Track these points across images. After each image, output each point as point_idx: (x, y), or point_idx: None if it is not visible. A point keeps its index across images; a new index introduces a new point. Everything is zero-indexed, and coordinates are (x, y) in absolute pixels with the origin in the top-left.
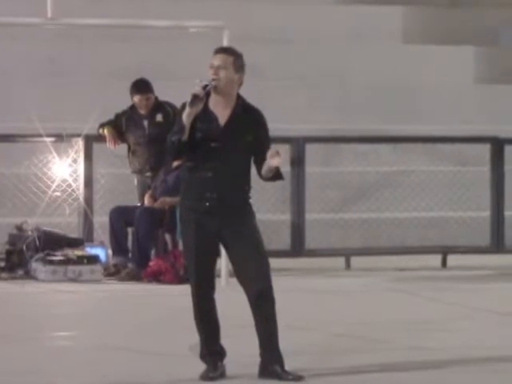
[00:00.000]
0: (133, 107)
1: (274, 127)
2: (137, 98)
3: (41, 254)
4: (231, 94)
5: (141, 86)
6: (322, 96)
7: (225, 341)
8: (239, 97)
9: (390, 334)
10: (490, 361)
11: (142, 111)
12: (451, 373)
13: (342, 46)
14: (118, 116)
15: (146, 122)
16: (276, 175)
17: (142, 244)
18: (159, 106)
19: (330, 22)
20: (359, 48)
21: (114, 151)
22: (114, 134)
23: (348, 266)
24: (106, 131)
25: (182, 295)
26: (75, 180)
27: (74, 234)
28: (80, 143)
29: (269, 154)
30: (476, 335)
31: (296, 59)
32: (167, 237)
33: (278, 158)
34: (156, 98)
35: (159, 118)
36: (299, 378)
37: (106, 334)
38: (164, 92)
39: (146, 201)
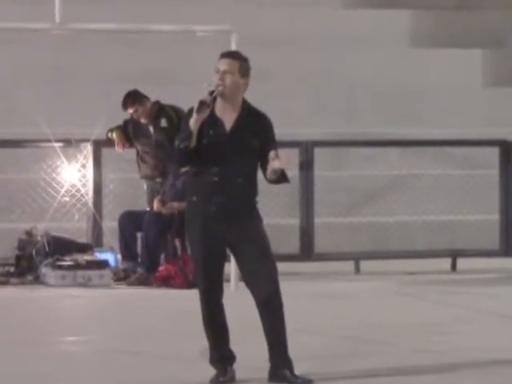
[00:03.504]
0: None
1: (282, 131)
2: (127, 112)
3: (50, 259)
4: (237, 99)
5: (124, 101)
6: (329, 100)
7: (234, 345)
8: (245, 101)
9: (398, 338)
10: (498, 363)
11: (142, 121)
12: (459, 376)
13: (349, 50)
14: (126, 122)
15: (151, 129)
16: (281, 178)
17: (151, 249)
18: (162, 111)
19: (337, 26)
20: (367, 51)
21: (123, 156)
22: (122, 138)
23: (357, 269)
24: (114, 134)
25: (191, 300)
26: (84, 185)
27: (83, 239)
28: (89, 148)
29: (269, 156)
30: (485, 338)
31: (303, 63)
32: (176, 241)
33: (277, 160)
34: (157, 103)
35: (163, 123)
36: (308, 381)
37: (114, 338)
38: (171, 96)
39: (155, 205)
